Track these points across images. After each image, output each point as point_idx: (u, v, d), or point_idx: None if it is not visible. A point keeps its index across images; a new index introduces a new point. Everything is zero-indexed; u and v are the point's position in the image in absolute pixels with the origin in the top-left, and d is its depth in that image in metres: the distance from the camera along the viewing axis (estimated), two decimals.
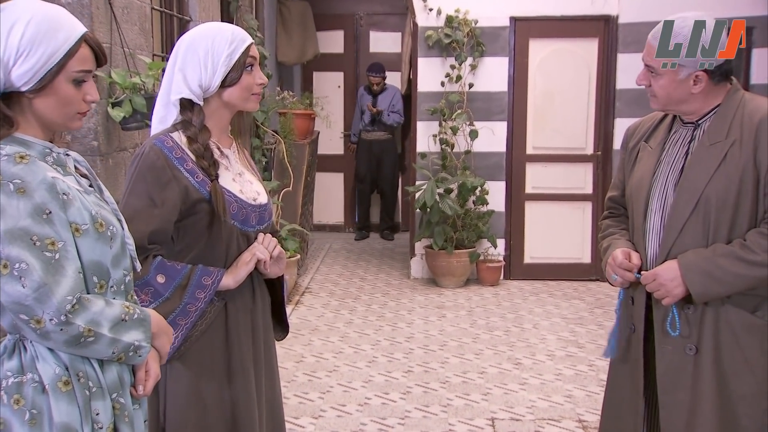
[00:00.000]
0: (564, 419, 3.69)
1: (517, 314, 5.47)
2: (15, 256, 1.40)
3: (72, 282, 1.44)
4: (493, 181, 6.31)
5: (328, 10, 8.47)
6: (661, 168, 2.15)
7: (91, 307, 1.47)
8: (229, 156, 2.11)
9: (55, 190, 1.45)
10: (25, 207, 1.41)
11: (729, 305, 2.03)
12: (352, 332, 5.06)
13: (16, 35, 1.45)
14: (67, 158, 1.58)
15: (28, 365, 1.48)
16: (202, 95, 2.02)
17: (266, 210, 2.15)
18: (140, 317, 1.57)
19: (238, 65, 2.02)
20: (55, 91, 1.50)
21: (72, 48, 1.50)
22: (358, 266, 7.05)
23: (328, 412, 3.77)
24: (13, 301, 1.41)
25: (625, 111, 6.12)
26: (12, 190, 1.41)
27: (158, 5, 4.41)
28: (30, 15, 1.47)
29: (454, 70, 6.25)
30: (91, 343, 1.47)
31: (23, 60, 1.46)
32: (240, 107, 2.10)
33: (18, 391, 1.46)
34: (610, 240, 2.28)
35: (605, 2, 6.16)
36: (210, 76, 2.00)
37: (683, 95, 2.06)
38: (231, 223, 2.03)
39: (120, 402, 1.56)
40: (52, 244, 1.43)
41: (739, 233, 2.01)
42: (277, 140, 6.00)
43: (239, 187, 2.07)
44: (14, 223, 1.40)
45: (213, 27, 2.06)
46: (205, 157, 2.00)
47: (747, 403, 2.02)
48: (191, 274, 1.97)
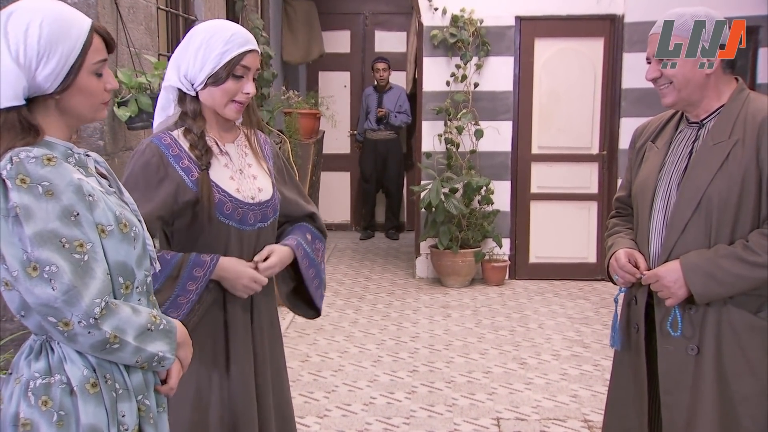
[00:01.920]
0: (569, 419, 3.69)
1: (522, 314, 5.46)
2: (45, 258, 1.39)
3: (100, 284, 1.44)
4: (498, 181, 6.30)
5: (333, 9, 8.48)
6: (665, 167, 2.15)
7: (118, 313, 1.46)
8: (230, 152, 2.08)
9: (81, 191, 1.45)
10: (53, 209, 1.41)
11: (731, 306, 2.02)
12: (357, 331, 5.06)
13: (33, 38, 1.44)
14: (88, 159, 1.59)
15: (56, 366, 1.48)
16: (191, 87, 1.99)
17: (269, 206, 2.12)
18: (166, 328, 1.56)
19: (226, 67, 1.96)
20: (80, 87, 1.50)
21: (87, 40, 1.49)
22: (363, 266, 7.05)
23: (334, 412, 3.77)
24: (42, 304, 1.40)
25: (631, 110, 6.11)
26: (41, 192, 1.41)
27: (164, 5, 4.42)
28: (41, 15, 1.46)
29: (459, 69, 6.24)
30: (116, 350, 1.47)
31: (45, 62, 1.45)
32: (217, 110, 2.03)
33: (46, 392, 1.46)
34: (614, 239, 2.29)
35: (611, 2, 6.15)
36: (196, 71, 1.97)
37: (700, 78, 2.04)
38: (225, 222, 2.01)
39: (145, 404, 1.56)
40: (80, 245, 1.43)
41: (741, 233, 2.00)
42: (282, 140, 6.01)
43: (236, 185, 2.04)
44: (43, 226, 1.40)
45: (219, 24, 2.03)
46: (197, 146, 1.98)
47: (748, 404, 2.01)
48: (182, 265, 1.96)
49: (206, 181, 1.97)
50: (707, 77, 2.05)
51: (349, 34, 8.65)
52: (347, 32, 8.64)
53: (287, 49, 7.81)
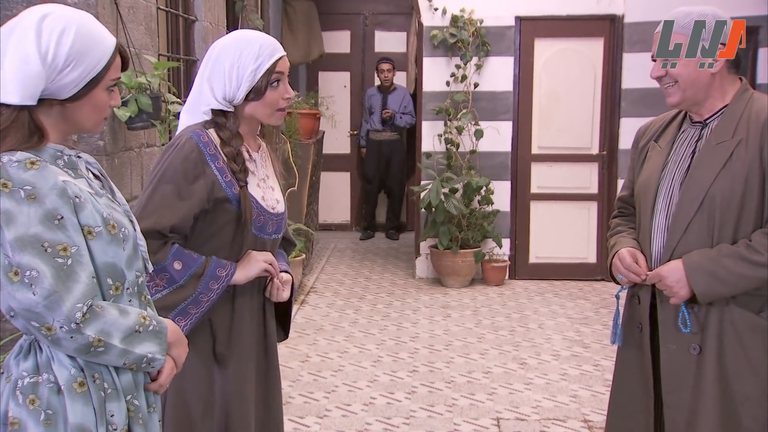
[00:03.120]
0: (569, 419, 3.69)
1: (522, 314, 5.46)
2: (26, 263, 1.39)
3: (84, 288, 1.43)
4: (498, 181, 6.30)
5: (333, 9, 8.48)
6: (668, 167, 2.14)
7: (103, 316, 1.46)
8: (256, 160, 2.11)
9: (66, 194, 1.44)
10: (36, 213, 1.40)
11: (734, 305, 2.02)
12: (357, 332, 5.06)
13: (66, 44, 1.46)
14: (79, 160, 1.58)
15: (43, 366, 1.48)
16: (230, 105, 2.03)
17: (283, 219, 2.16)
18: (156, 329, 1.56)
19: (263, 80, 2.00)
20: (91, 99, 1.52)
21: (111, 58, 1.53)
22: (363, 266, 7.05)
23: (333, 412, 3.77)
24: (24, 309, 1.41)
25: (631, 111, 6.12)
26: (23, 196, 1.40)
27: (164, 5, 4.41)
28: (77, 24, 1.48)
29: (459, 69, 6.24)
30: (101, 353, 1.47)
31: (70, 70, 1.47)
32: (264, 121, 2.10)
33: (33, 391, 1.46)
34: (616, 239, 2.29)
35: (611, 2, 6.15)
36: (234, 90, 2.00)
37: (705, 78, 2.04)
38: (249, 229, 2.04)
39: (134, 404, 1.56)
40: (64, 249, 1.42)
41: (744, 233, 2.00)
42: (282, 140, 6.01)
43: (261, 193, 2.08)
44: (25, 230, 1.40)
45: (243, 38, 2.04)
46: (237, 161, 2.01)
47: (750, 404, 2.01)
48: (206, 264, 1.98)
49: (245, 195, 2.01)
50: (712, 77, 2.05)
51: (349, 34, 8.65)
52: (347, 32, 8.65)
53: (287, 49, 7.70)
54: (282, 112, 2.09)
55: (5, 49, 1.44)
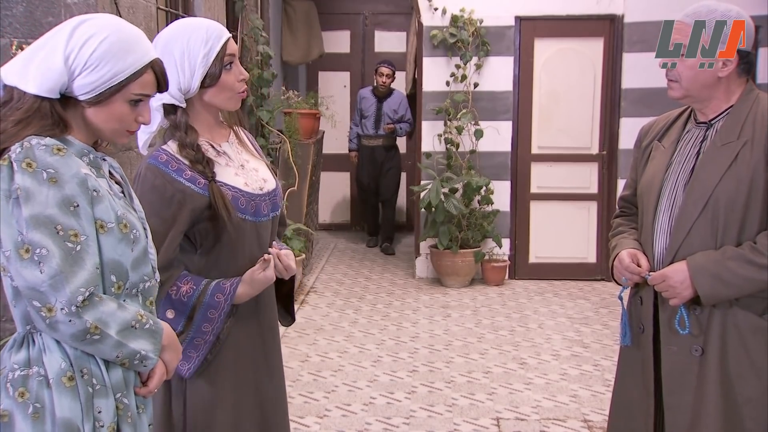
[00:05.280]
0: (569, 419, 3.69)
1: (522, 314, 5.46)
2: (37, 241, 1.43)
3: (88, 275, 1.46)
4: (498, 181, 6.31)
5: (333, 9, 8.48)
6: (672, 167, 2.13)
7: (102, 305, 1.49)
8: (227, 151, 2.07)
9: (86, 185, 1.49)
10: (54, 196, 1.45)
11: (737, 307, 2.01)
12: (357, 332, 5.06)
13: (89, 48, 1.51)
14: (103, 162, 1.63)
15: (35, 358, 1.50)
16: (183, 98, 1.98)
17: (276, 195, 2.13)
18: (152, 328, 1.58)
19: (216, 64, 1.95)
20: (109, 107, 1.56)
21: (136, 72, 1.56)
22: (363, 266, 7.05)
23: (333, 412, 3.77)
24: (29, 287, 1.44)
25: (631, 110, 6.12)
26: (45, 178, 1.45)
27: (164, 5, 4.41)
28: (107, 33, 1.53)
29: (459, 69, 6.25)
30: (97, 342, 1.48)
31: (88, 73, 1.52)
32: (222, 107, 2.05)
33: (23, 384, 1.48)
34: (617, 239, 2.27)
35: (611, 2, 6.15)
36: (189, 79, 1.95)
37: (709, 78, 2.03)
38: (242, 217, 2.01)
39: (124, 402, 1.56)
40: (75, 235, 1.46)
41: (748, 235, 1.99)
42: (282, 140, 6.01)
43: (243, 180, 2.04)
44: (41, 210, 1.44)
45: (187, 25, 1.99)
46: (197, 160, 1.96)
47: (752, 406, 2.00)
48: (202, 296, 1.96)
49: (215, 189, 1.97)
50: (719, 79, 2.03)
51: (349, 34, 8.65)
52: (347, 32, 8.64)
53: (287, 49, 7.80)
54: (240, 95, 2.04)
55: (43, 44, 1.53)
